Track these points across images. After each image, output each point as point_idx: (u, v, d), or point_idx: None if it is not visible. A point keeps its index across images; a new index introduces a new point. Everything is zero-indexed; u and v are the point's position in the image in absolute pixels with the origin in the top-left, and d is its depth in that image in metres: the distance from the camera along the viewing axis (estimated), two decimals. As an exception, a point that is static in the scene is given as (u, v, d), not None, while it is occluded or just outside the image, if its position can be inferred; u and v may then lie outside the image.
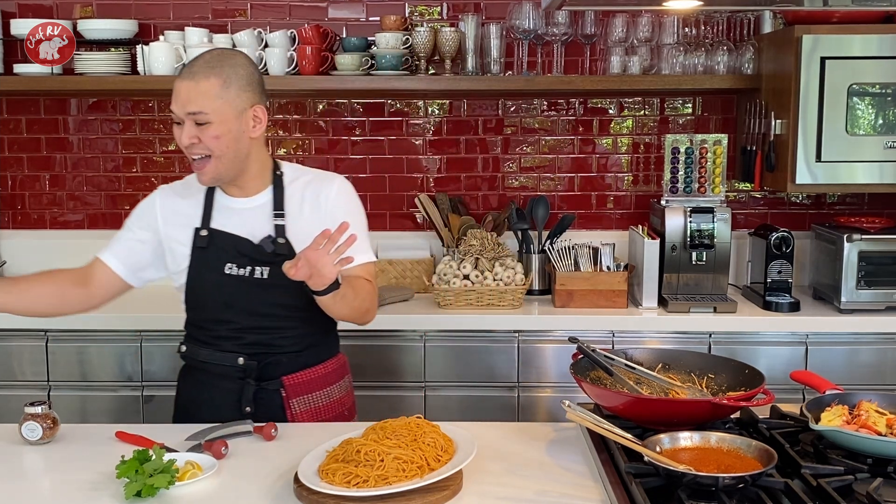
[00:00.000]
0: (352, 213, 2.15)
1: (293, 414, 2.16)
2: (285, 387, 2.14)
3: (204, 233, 2.14)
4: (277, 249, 2.09)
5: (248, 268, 2.10)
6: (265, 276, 2.10)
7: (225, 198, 2.17)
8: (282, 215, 2.13)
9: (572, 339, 2.09)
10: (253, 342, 2.13)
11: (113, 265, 2.19)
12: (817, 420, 1.76)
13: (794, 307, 3.20)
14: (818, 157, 3.12)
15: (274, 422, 2.01)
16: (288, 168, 2.23)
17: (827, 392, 1.91)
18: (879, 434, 1.69)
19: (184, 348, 2.23)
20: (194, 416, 2.13)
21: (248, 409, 2.12)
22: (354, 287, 2.07)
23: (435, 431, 1.75)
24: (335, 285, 1.94)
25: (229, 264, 2.11)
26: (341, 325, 2.28)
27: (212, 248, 2.13)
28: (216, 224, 2.14)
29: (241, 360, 2.12)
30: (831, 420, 1.75)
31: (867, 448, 1.67)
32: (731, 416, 1.91)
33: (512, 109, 3.68)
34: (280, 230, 2.12)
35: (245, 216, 2.14)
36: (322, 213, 2.14)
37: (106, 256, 2.20)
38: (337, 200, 2.17)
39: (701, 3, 2.49)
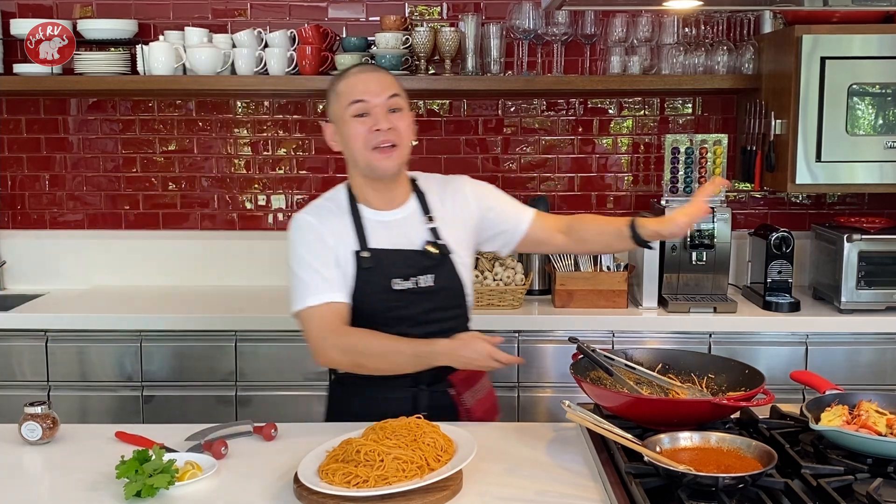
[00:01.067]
0: (496, 190, 2.27)
1: (466, 409, 2.14)
2: (454, 384, 2.12)
3: (366, 254, 2.09)
4: (443, 250, 2.12)
5: (413, 279, 2.10)
6: (431, 283, 2.11)
7: (374, 213, 2.14)
8: (432, 218, 2.16)
9: (572, 339, 2.09)
10: None
11: (347, 300, 2.08)
12: (817, 420, 1.76)
13: (794, 307, 3.20)
14: (818, 157, 3.12)
15: (449, 420, 2.00)
16: (416, 175, 2.25)
17: (827, 392, 1.91)
18: (879, 434, 1.69)
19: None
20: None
21: (424, 414, 2.02)
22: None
23: (435, 431, 1.75)
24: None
25: (395, 279, 2.09)
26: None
27: (377, 267, 2.09)
28: (374, 243, 2.10)
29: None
30: (831, 420, 1.75)
31: (867, 448, 1.67)
32: (731, 416, 1.91)
33: (512, 109, 3.68)
34: (435, 233, 2.14)
35: (399, 228, 2.13)
36: (462, 206, 2.20)
37: (337, 296, 2.06)
38: (474, 190, 2.24)
39: (701, 3, 2.48)
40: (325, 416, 2.31)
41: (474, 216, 2.20)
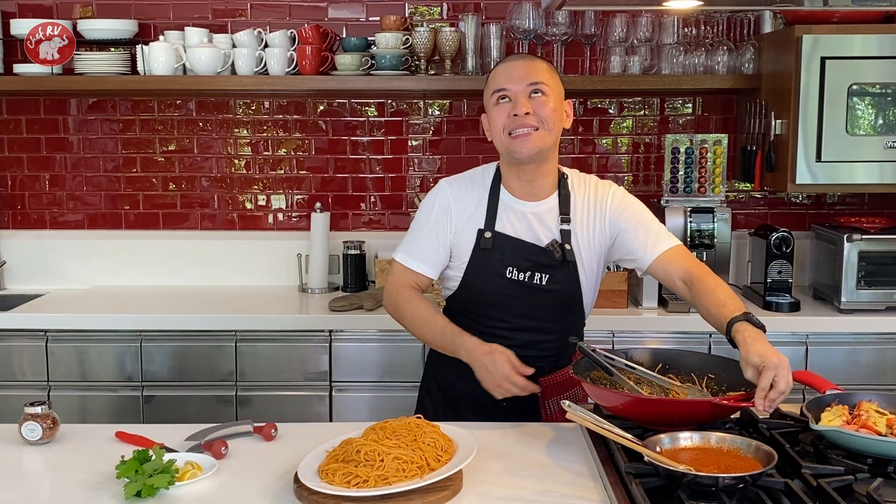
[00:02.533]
0: (639, 210, 2.19)
1: (548, 414, 2.15)
2: (542, 387, 2.11)
3: (488, 234, 2.12)
4: (566, 256, 2.11)
5: (529, 273, 2.10)
6: (544, 283, 2.11)
7: (512, 199, 2.15)
8: (568, 220, 2.13)
9: (572, 339, 2.09)
10: (519, 344, 2.10)
11: (428, 273, 2.19)
12: (817, 420, 1.75)
13: (794, 307, 3.20)
14: (818, 157, 3.12)
15: (530, 420, 2.02)
16: (571, 173, 2.23)
17: (827, 392, 1.91)
18: (880, 434, 1.68)
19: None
20: (449, 401, 2.18)
21: (504, 403, 2.10)
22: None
23: (435, 431, 1.75)
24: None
25: (511, 268, 2.11)
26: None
27: (495, 250, 2.11)
28: (500, 226, 2.12)
29: None
30: (831, 420, 1.75)
31: (867, 448, 1.67)
32: (731, 416, 1.91)
33: (512, 109, 3.67)
34: (566, 236, 2.12)
35: (531, 220, 2.14)
36: (599, 217, 2.16)
37: (419, 267, 2.18)
38: (616, 204, 2.17)
39: (701, 3, 2.48)
40: (422, 378, 2.35)
41: (607, 230, 2.16)
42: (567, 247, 2.11)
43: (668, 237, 2.18)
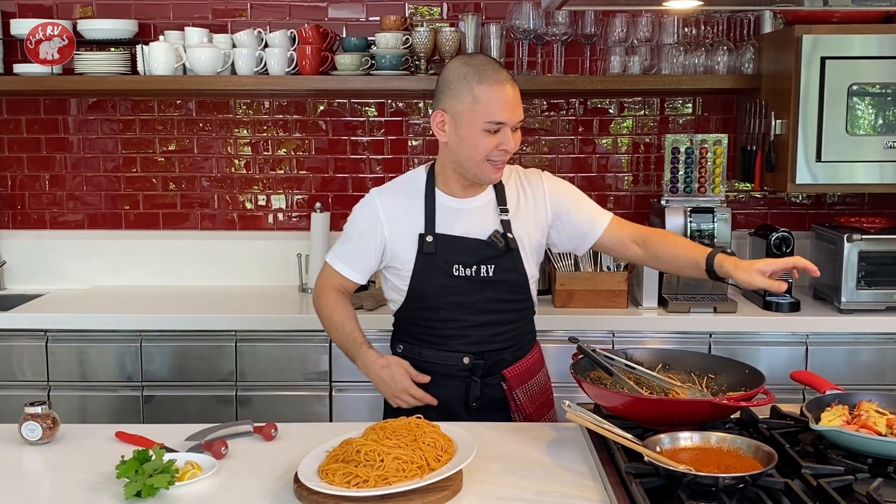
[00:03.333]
0: (573, 190, 2.30)
1: (517, 405, 2.19)
2: (507, 379, 2.17)
3: (430, 238, 2.16)
4: (510, 244, 2.16)
5: (475, 266, 2.15)
6: (491, 274, 2.15)
7: (448, 199, 2.19)
8: (506, 211, 2.19)
9: (572, 339, 2.09)
10: (477, 340, 2.17)
11: (355, 278, 2.26)
12: (817, 420, 1.76)
13: (795, 307, 3.20)
14: (818, 157, 3.12)
15: (502, 413, 2.09)
16: None
17: (827, 392, 1.91)
18: (879, 434, 1.69)
19: (400, 347, 2.26)
20: (416, 412, 2.17)
21: (474, 404, 2.18)
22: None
23: (435, 431, 1.75)
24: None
25: (457, 265, 2.15)
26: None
27: (439, 252, 2.15)
28: (441, 228, 2.17)
29: (466, 360, 2.17)
30: (831, 420, 1.75)
31: (867, 448, 1.67)
32: (731, 416, 1.91)
33: (512, 109, 3.67)
34: (506, 225, 2.17)
35: (469, 216, 2.18)
36: (537, 202, 2.23)
37: (347, 272, 2.25)
38: (552, 187, 2.26)
39: (701, 3, 2.48)
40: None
41: (548, 214, 2.23)
42: (509, 235, 2.16)
43: (604, 211, 2.31)
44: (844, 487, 1.58)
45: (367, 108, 3.68)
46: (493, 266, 2.15)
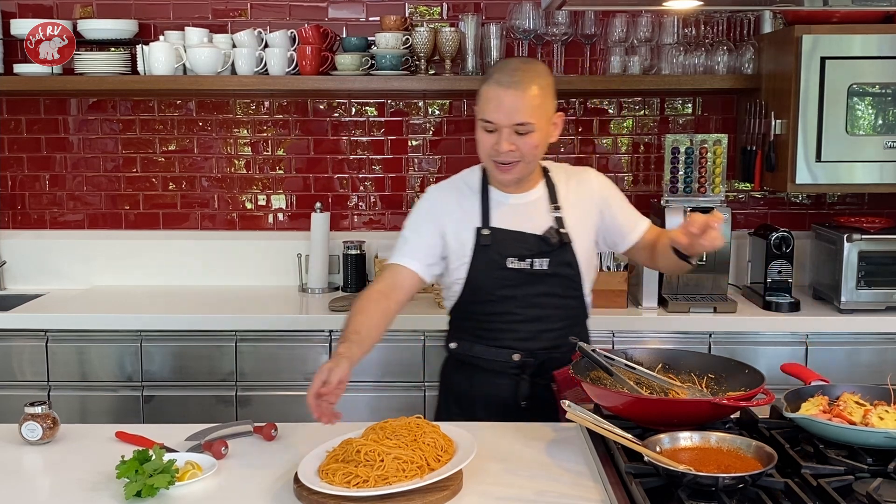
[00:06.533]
0: (618, 192, 2.33)
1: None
2: (557, 381, 2.15)
3: (486, 231, 2.19)
4: (563, 238, 2.18)
5: (529, 260, 2.18)
6: (545, 267, 2.18)
7: (501, 195, 2.23)
8: (558, 207, 2.22)
9: (572, 339, 2.09)
10: (526, 336, 2.19)
11: (416, 268, 2.20)
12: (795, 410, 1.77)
13: (794, 307, 3.20)
14: (818, 157, 3.12)
15: (549, 414, 2.07)
16: (548, 164, 2.32)
17: (811, 383, 1.93)
18: (853, 424, 1.69)
19: (453, 345, 2.28)
20: (467, 410, 2.22)
21: (523, 403, 2.19)
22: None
23: (435, 431, 1.75)
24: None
25: (511, 258, 2.17)
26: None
27: (494, 244, 2.18)
28: (496, 222, 2.20)
29: (516, 357, 2.19)
30: (808, 409, 1.77)
31: (839, 437, 1.69)
32: (731, 416, 1.91)
33: (512, 109, 3.67)
34: (559, 221, 2.20)
35: (522, 211, 2.22)
36: (587, 198, 2.26)
37: (405, 261, 2.21)
38: (601, 184, 2.30)
39: (701, 3, 2.49)
40: (439, 388, 2.38)
41: (596, 209, 2.26)
42: (563, 230, 2.19)
43: (643, 217, 2.34)
44: (844, 487, 1.58)
45: (366, 108, 3.68)
46: (546, 260, 2.18)
